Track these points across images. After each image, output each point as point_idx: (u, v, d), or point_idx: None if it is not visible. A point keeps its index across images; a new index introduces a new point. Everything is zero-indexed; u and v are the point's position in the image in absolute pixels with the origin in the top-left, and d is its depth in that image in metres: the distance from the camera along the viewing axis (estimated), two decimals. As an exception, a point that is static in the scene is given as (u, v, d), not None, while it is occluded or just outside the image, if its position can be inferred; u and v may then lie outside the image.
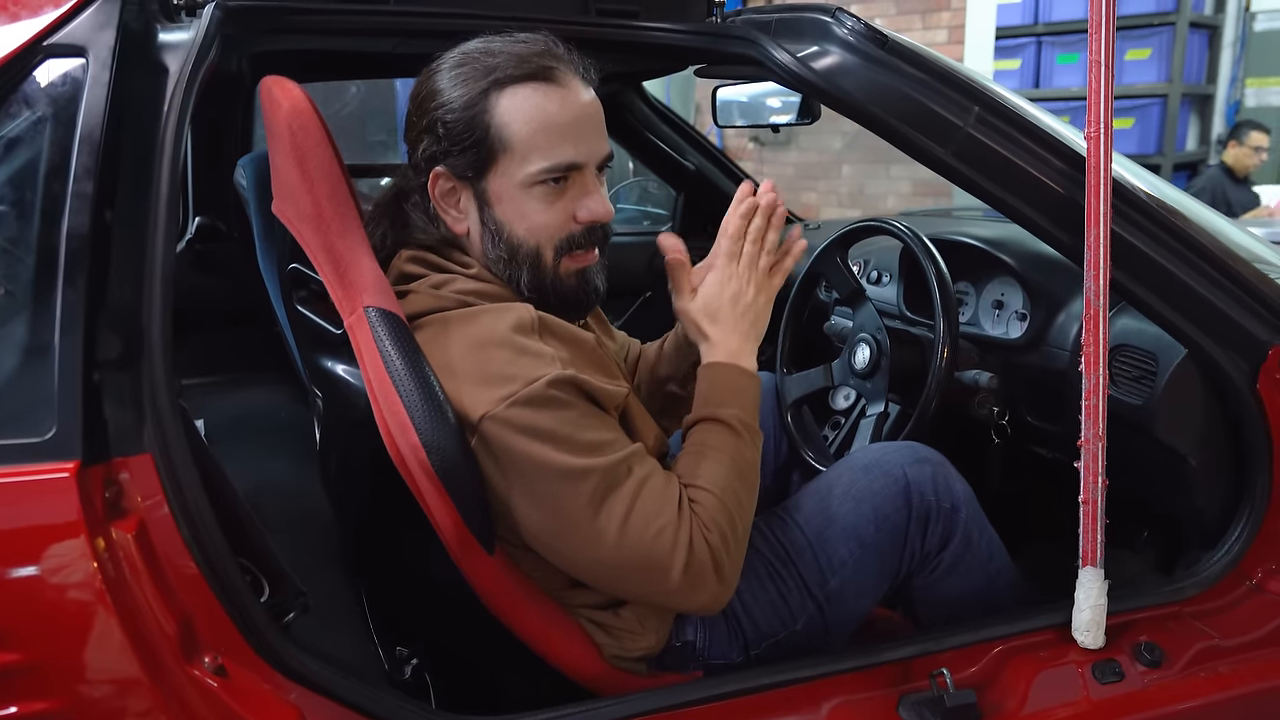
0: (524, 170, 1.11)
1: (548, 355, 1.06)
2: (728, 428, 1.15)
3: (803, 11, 1.34)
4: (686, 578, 1.05)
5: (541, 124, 1.10)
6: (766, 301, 1.21)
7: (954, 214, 2.99)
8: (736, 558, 1.11)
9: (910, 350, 1.69)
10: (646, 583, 1.07)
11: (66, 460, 0.88)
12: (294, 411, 2.01)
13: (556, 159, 1.11)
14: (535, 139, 1.10)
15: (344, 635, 1.30)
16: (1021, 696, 1.14)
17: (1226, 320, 1.24)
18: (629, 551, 1.04)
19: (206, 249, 2.28)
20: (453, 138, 1.11)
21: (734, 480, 1.12)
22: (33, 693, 0.87)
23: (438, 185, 1.15)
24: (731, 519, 1.10)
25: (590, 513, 1.04)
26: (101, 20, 0.98)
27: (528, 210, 1.13)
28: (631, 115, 2.45)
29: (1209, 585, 1.28)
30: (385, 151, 5.46)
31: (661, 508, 1.06)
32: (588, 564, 1.08)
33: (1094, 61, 1.14)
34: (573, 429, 1.04)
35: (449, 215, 1.17)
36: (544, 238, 1.14)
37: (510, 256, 1.14)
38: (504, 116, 1.10)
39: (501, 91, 1.10)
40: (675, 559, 1.04)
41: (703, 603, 1.09)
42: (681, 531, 1.05)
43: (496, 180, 1.12)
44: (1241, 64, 6.06)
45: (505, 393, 1.03)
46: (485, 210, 1.14)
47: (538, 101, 1.10)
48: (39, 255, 0.92)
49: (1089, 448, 1.16)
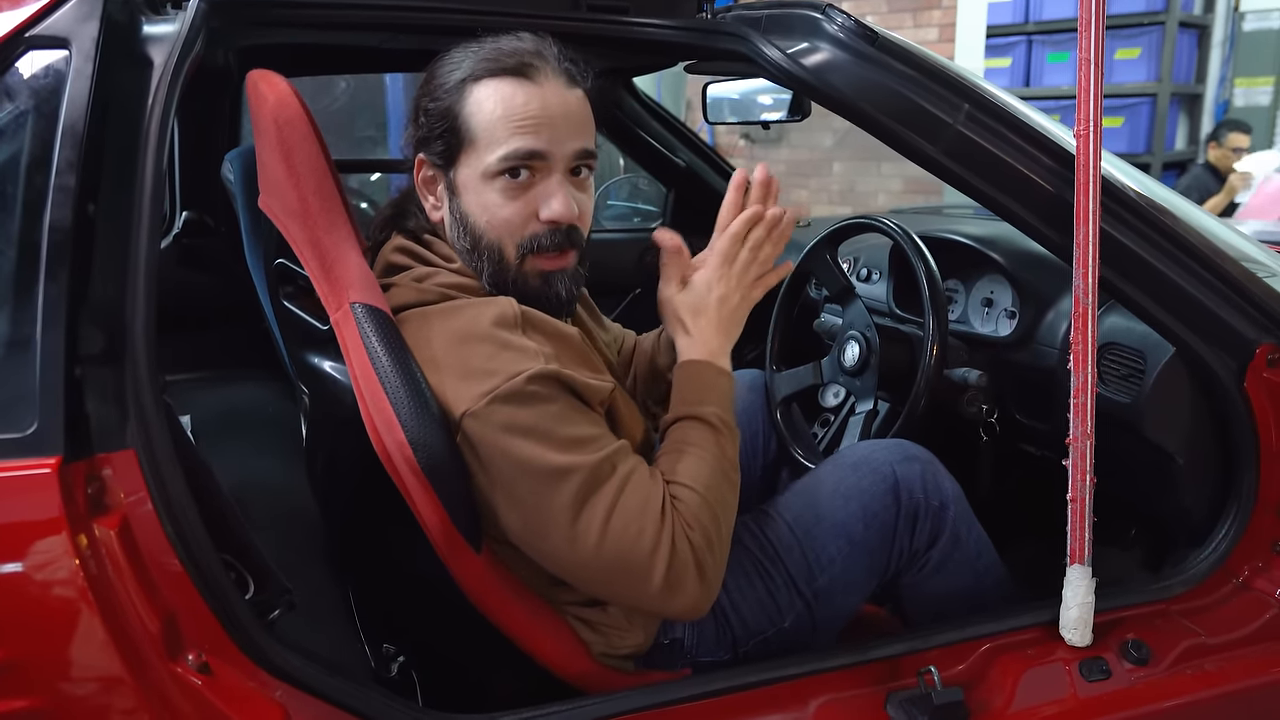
0: (484, 161, 1.11)
1: (530, 350, 1.06)
2: (708, 425, 1.15)
3: (793, 8, 1.34)
4: (668, 579, 1.04)
5: (504, 115, 1.09)
6: (746, 310, 1.21)
7: (944, 212, 3.00)
8: (720, 558, 1.09)
9: (899, 348, 1.69)
10: (628, 584, 1.05)
11: (48, 456, 0.87)
12: (281, 408, 2.00)
13: (512, 148, 1.09)
14: (495, 129, 1.10)
15: (330, 632, 1.30)
16: (1009, 694, 1.14)
17: (1214, 319, 1.25)
18: (610, 552, 1.03)
19: (193, 244, 2.26)
20: (429, 125, 1.13)
21: (717, 478, 1.12)
22: (13, 691, 0.86)
23: (421, 172, 1.17)
24: (715, 517, 1.09)
25: (571, 512, 1.03)
26: (85, 12, 0.97)
27: (488, 202, 1.12)
28: (622, 112, 2.44)
29: (1196, 583, 1.28)
30: (374, 147, 5.44)
31: (644, 506, 1.04)
32: (568, 563, 1.07)
33: (1084, 60, 1.14)
34: (554, 424, 1.04)
35: (428, 202, 1.19)
36: (504, 233, 1.12)
37: (473, 248, 1.14)
38: (471, 107, 1.10)
39: (477, 83, 1.11)
40: (657, 560, 1.03)
41: (684, 606, 1.06)
42: (664, 531, 1.04)
43: (463, 170, 1.13)
44: (1230, 64, 6.08)
45: (486, 388, 1.03)
46: (453, 200, 1.15)
47: (505, 94, 1.10)
48: (20, 249, 0.91)
49: (1077, 446, 1.16)
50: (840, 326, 1.78)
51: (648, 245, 2.39)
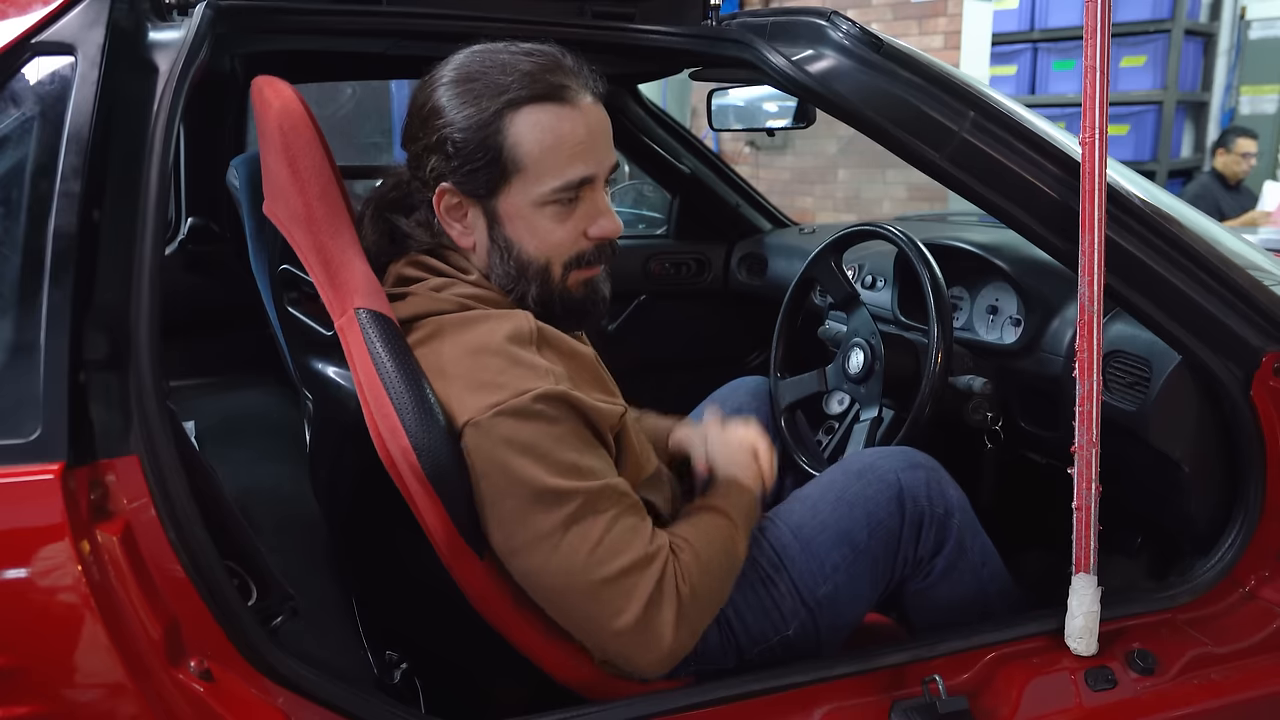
0: (537, 190, 1.10)
1: (541, 368, 1.05)
2: (727, 519, 1.19)
3: (798, 15, 1.34)
4: (644, 616, 1.04)
5: (554, 145, 1.09)
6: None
7: (949, 219, 3.00)
8: (698, 621, 1.11)
9: (904, 355, 1.69)
10: (599, 612, 1.05)
11: (51, 461, 0.87)
12: (285, 414, 2.00)
13: (568, 178, 1.10)
14: (547, 160, 1.09)
15: (333, 639, 1.29)
16: (1014, 703, 1.14)
17: (1221, 327, 1.24)
18: (591, 577, 1.04)
19: (198, 250, 2.27)
20: (463, 156, 1.10)
21: (720, 556, 1.15)
22: (16, 697, 0.86)
23: (443, 200, 1.14)
24: (709, 586, 1.12)
25: (557, 536, 1.03)
26: (91, 18, 0.97)
27: (539, 228, 1.12)
28: (627, 118, 2.44)
29: (1202, 592, 1.27)
30: (379, 154, 5.45)
31: (633, 538, 1.06)
32: (546, 586, 1.07)
33: (1089, 68, 1.14)
34: (554, 446, 1.03)
35: (454, 229, 1.15)
36: (555, 254, 1.14)
37: (519, 273, 1.14)
38: (516, 138, 1.09)
39: (516, 112, 1.09)
40: (634, 595, 1.04)
41: (648, 651, 1.07)
42: (653, 568, 1.06)
43: (508, 199, 1.12)
44: (1236, 71, 6.08)
45: (492, 401, 1.03)
46: (495, 228, 1.14)
47: (550, 122, 1.09)
48: (25, 254, 0.92)
49: (1082, 453, 1.16)
50: (845, 334, 1.78)
51: (653, 252, 2.38)
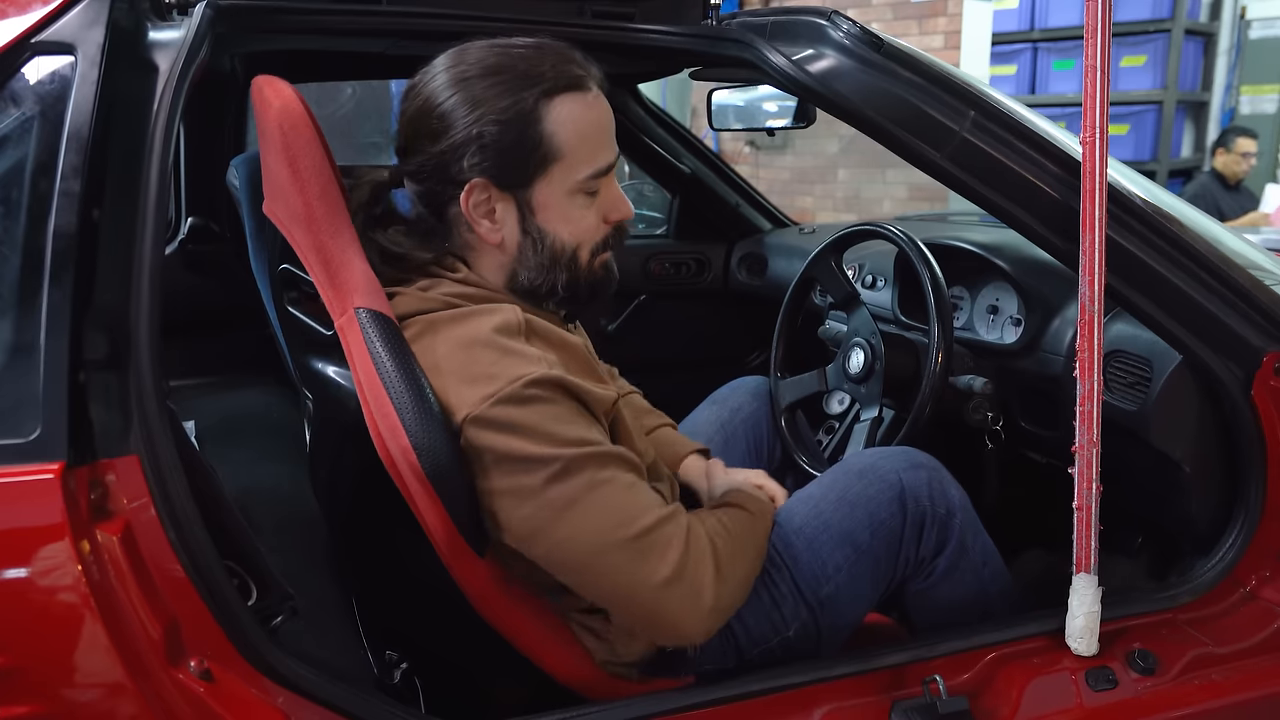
0: (573, 177, 1.13)
1: (533, 355, 1.06)
2: (745, 510, 1.23)
3: (798, 14, 1.34)
4: (681, 567, 1.05)
5: (586, 132, 1.12)
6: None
7: (949, 219, 2.99)
8: (734, 582, 1.13)
9: (904, 355, 1.69)
10: (633, 571, 1.05)
11: (51, 461, 0.87)
12: (285, 414, 2.00)
13: (599, 164, 1.14)
14: (581, 146, 1.12)
15: (332, 639, 1.29)
16: (1014, 703, 1.14)
17: (1222, 327, 1.24)
18: (620, 536, 1.04)
19: (198, 249, 2.27)
20: (501, 148, 1.09)
21: (746, 534, 1.19)
22: (15, 697, 0.86)
23: (472, 196, 1.12)
24: (739, 551, 1.15)
25: (583, 502, 1.03)
26: (90, 18, 0.97)
27: (572, 215, 1.15)
28: (627, 118, 2.44)
29: (1203, 592, 1.27)
30: (379, 154, 5.44)
31: (654, 498, 1.08)
32: (571, 558, 1.06)
33: (1089, 67, 1.14)
34: (554, 424, 1.04)
35: (482, 226, 1.14)
36: (584, 240, 1.16)
37: (552, 262, 1.16)
38: (554, 125, 1.10)
39: (551, 100, 1.10)
40: (673, 545, 1.05)
41: (693, 615, 1.07)
42: (680, 518, 1.08)
43: (544, 189, 1.13)
44: (1236, 71, 6.08)
45: (487, 392, 1.03)
46: (528, 219, 1.14)
47: (581, 111, 1.12)
48: (25, 254, 0.91)
49: (1083, 453, 1.16)
50: (845, 333, 1.78)
51: (653, 252, 2.38)
